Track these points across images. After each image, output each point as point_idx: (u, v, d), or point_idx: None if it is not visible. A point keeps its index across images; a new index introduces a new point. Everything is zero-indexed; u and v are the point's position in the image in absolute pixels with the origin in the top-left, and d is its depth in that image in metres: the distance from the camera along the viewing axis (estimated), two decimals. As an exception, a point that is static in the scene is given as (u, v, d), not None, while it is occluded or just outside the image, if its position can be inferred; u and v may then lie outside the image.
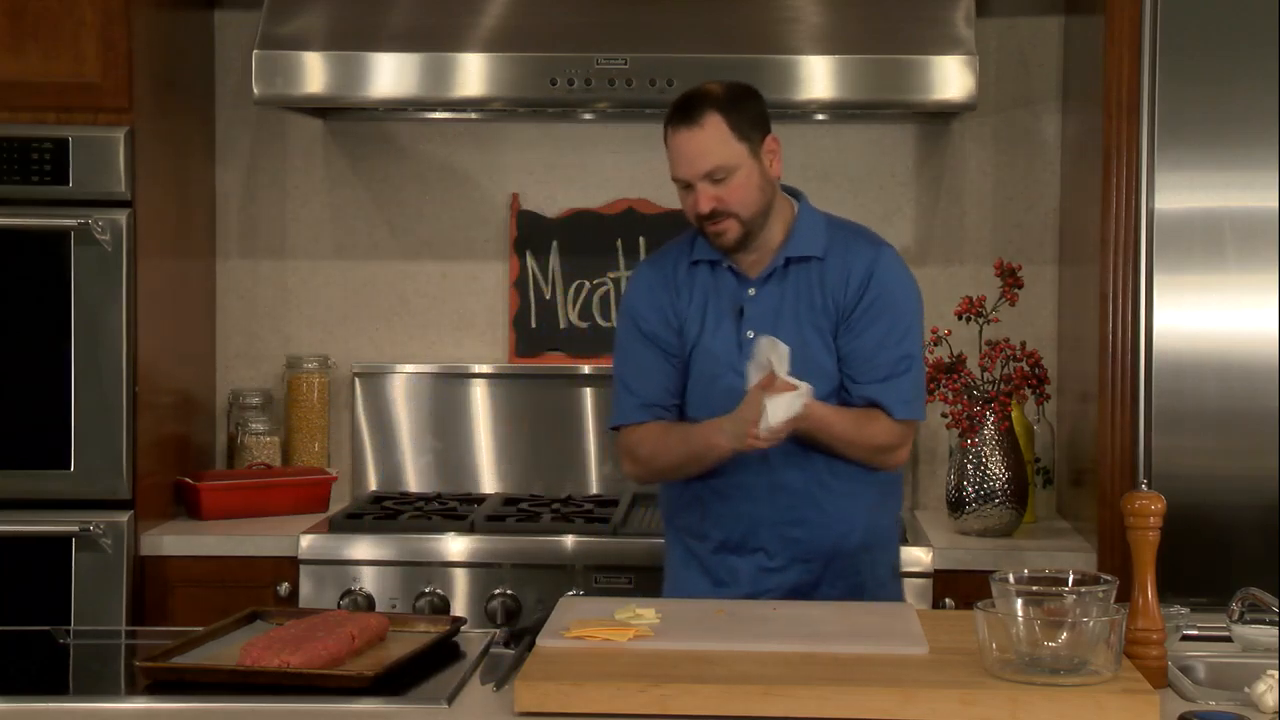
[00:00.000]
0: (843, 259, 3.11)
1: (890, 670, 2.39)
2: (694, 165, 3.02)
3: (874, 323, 3.08)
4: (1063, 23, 4.26)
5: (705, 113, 3.02)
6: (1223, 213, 3.61)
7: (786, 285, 3.11)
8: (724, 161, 3.01)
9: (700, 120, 3.02)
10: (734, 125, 3.03)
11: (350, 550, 3.74)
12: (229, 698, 2.41)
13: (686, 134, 3.02)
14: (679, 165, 3.05)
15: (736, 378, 3.03)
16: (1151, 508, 2.48)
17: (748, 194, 3.04)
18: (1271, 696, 2.31)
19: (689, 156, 3.02)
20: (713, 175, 3.01)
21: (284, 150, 4.38)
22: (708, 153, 3.01)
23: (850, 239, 3.16)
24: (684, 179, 3.04)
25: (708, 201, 3.02)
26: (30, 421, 3.75)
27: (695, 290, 3.16)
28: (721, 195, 3.02)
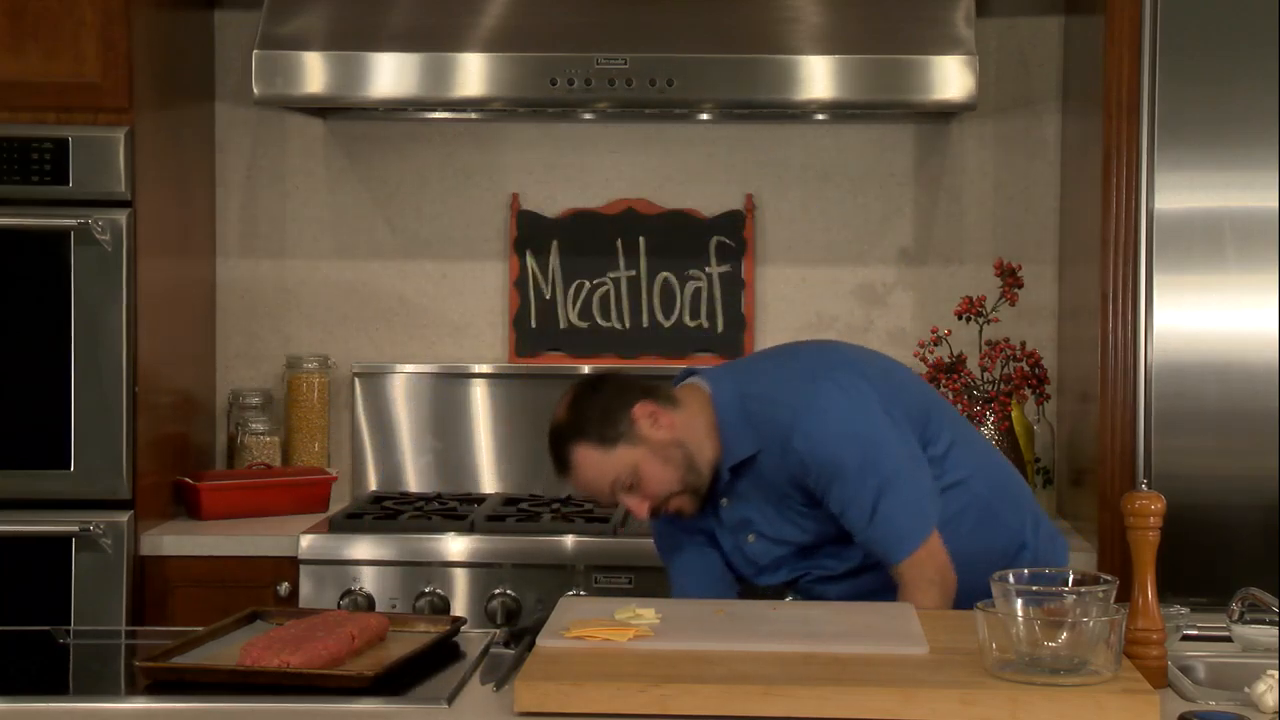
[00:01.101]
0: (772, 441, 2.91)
1: (890, 670, 2.39)
2: (602, 493, 2.94)
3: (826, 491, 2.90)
4: (1063, 23, 4.26)
5: (568, 451, 2.91)
6: (1223, 213, 3.61)
7: (749, 486, 2.97)
8: (618, 475, 2.90)
9: (570, 460, 2.92)
10: (599, 441, 2.89)
11: (350, 550, 3.74)
12: (229, 698, 2.41)
13: (572, 477, 2.94)
14: (591, 499, 3.06)
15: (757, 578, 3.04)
16: (1151, 508, 2.48)
17: (662, 476, 2.91)
18: (1271, 696, 2.31)
19: (592, 490, 2.95)
20: (621, 488, 2.91)
21: (284, 150, 4.38)
22: (599, 479, 2.91)
23: (771, 412, 2.92)
24: (594, 499, 3.01)
25: (641, 506, 2.92)
26: (30, 421, 3.75)
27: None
28: (644, 492, 2.91)
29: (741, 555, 3.06)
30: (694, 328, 4.32)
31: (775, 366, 3.05)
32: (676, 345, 4.32)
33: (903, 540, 2.87)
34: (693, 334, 4.32)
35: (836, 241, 4.33)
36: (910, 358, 3.93)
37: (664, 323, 4.32)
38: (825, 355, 3.10)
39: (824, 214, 4.32)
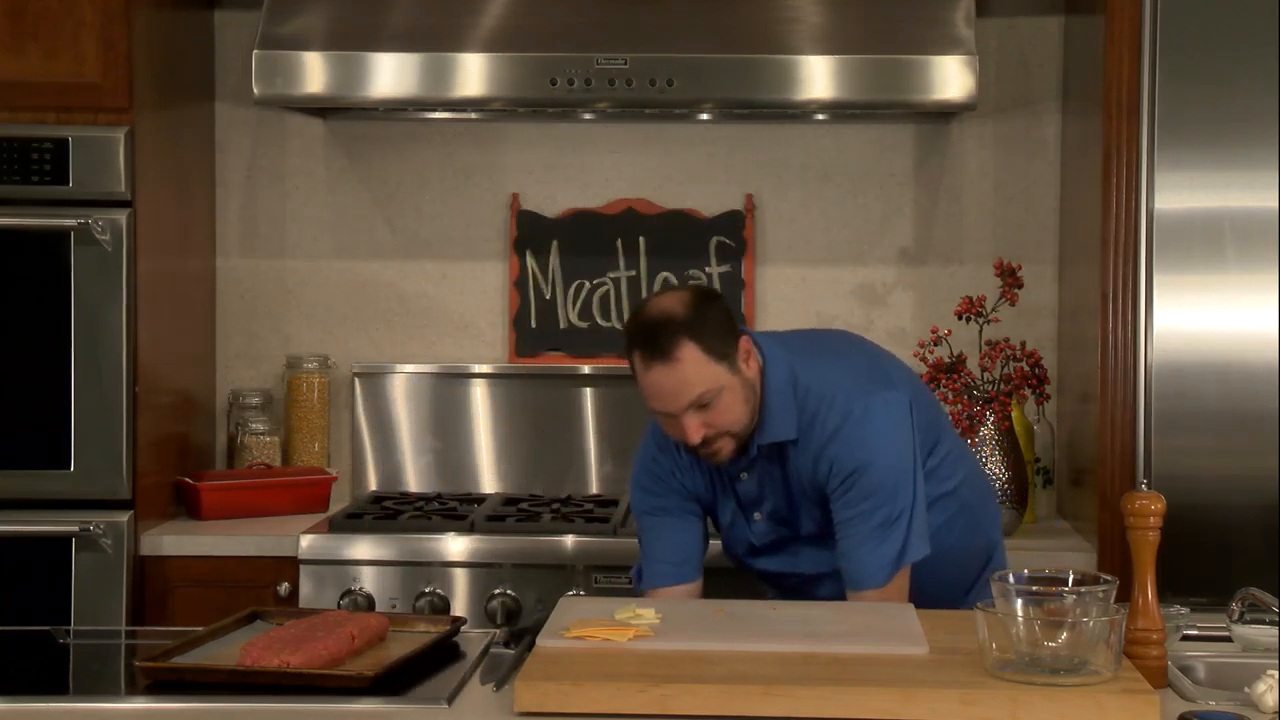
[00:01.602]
0: (811, 437, 2.92)
1: (890, 670, 2.39)
2: (676, 401, 2.84)
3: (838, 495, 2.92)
4: (1063, 23, 4.26)
5: (677, 344, 2.82)
6: (1223, 213, 3.61)
7: (772, 466, 2.97)
8: (706, 390, 2.84)
9: (674, 355, 2.82)
10: (709, 349, 2.84)
11: (350, 550, 3.74)
12: (229, 698, 2.41)
13: (663, 371, 2.83)
14: (661, 400, 2.86)
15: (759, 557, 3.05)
16: (1151, 508, 2.48)
17: (735, 412, 2.88)
18: (1271, 696, 2.31)
19: (672, 391, 2.84)
20: (697, 404, 2.85)
21: (284, 150, 4.38)
22: (687, 387, 2.83)
23: (820, 409, 2.93)
24: (667, 412, 2.87)
25: (697, 431, 2.86)
26: (30, 421, 3.75)
27: (695, 473, 3.06)
28: (709, 420, 2.86)
29: (742, 531, 3.06)
30: (694, 328, 4.32)
31: (831, 363, 3.03)
32: (676, 345, 4.31)
33: (881, 571, 2.89)
34: (693, 334, 4.32)
35: (836, 241, 4.33)
36: (910, 358, 3.93)
37: (664, 323, 4.31)
38: (879, 366, 3.07)
39: (824, 214, 4.32)
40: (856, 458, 2.90)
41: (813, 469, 2.94)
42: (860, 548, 2.90)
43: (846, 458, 2.90)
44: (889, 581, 2.90)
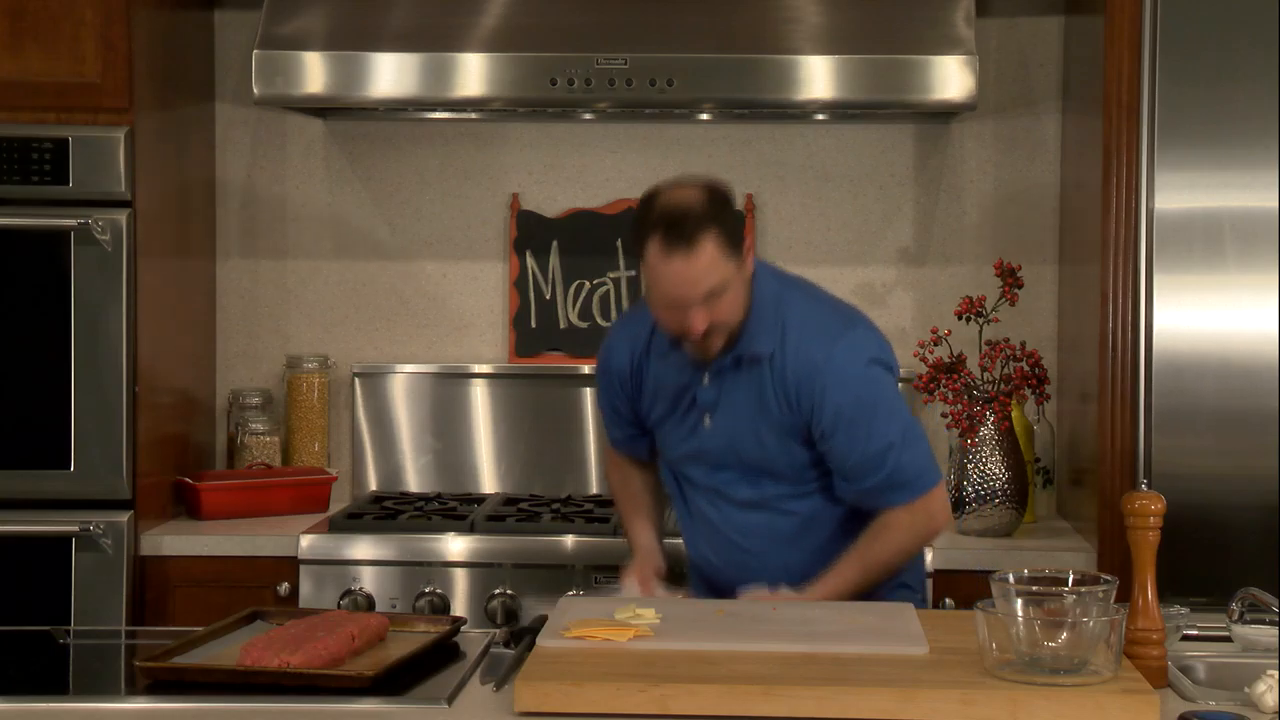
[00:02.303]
0: (794, 367, 2.98)
1: (890, 670, 2.39)
2: (691, 291, 2.87)
3: (838, 431, 2.97)
4: (1063, 23, 4.26)
5: (700, 234, 2.85)
6: (1223, 213, 3.61)
7: (739, 379, 3.02)
8: (719, 282, 2.88)
9: (696, 243, 2.85)
10: (726, 243, 2.89)
11: (350, 550, 3.74)
12: (229, 698, 2.41)
13: (685, 260, 2.85)
14: (671, 289, 2.88)
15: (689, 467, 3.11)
16: (1151, 508, 2.48)
17: (736, 307, 2.95)
18: (1271, 696, 2.31)
19: (689, 280, 2.86)
20: (706, 298, 2.89)
21: (284, 150, 4.38)
22: (703, 278, 2.87)
23: (804, 336, 3.00)
24: (677, 301, 2.89)
25: (703, 321, 2.90)
26: (30, 421, 3.75)
27: (654, 370, 3.13)
28: (713, 313, 2.91)
29: (689, 436, 3.09)
30: (694, 328, 4.32)
31: (812, 295, 3.12)
32: (676, 345, 4.32)
33: (905, 487, 2.98)
34: (693, 334, 4.32)
35: (836, 241, 4.33)
36: (910, 358, 3.93)
37: (664, 323, 4.31)
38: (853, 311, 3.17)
39: (824, 214, 4.32)
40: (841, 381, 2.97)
41: (787, 391, 2.98)
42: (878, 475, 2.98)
43: (831, 383, 2.96)
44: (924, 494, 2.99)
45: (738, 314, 2.96)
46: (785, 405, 3.00)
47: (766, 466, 3.05)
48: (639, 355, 3.15)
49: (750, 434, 3.03)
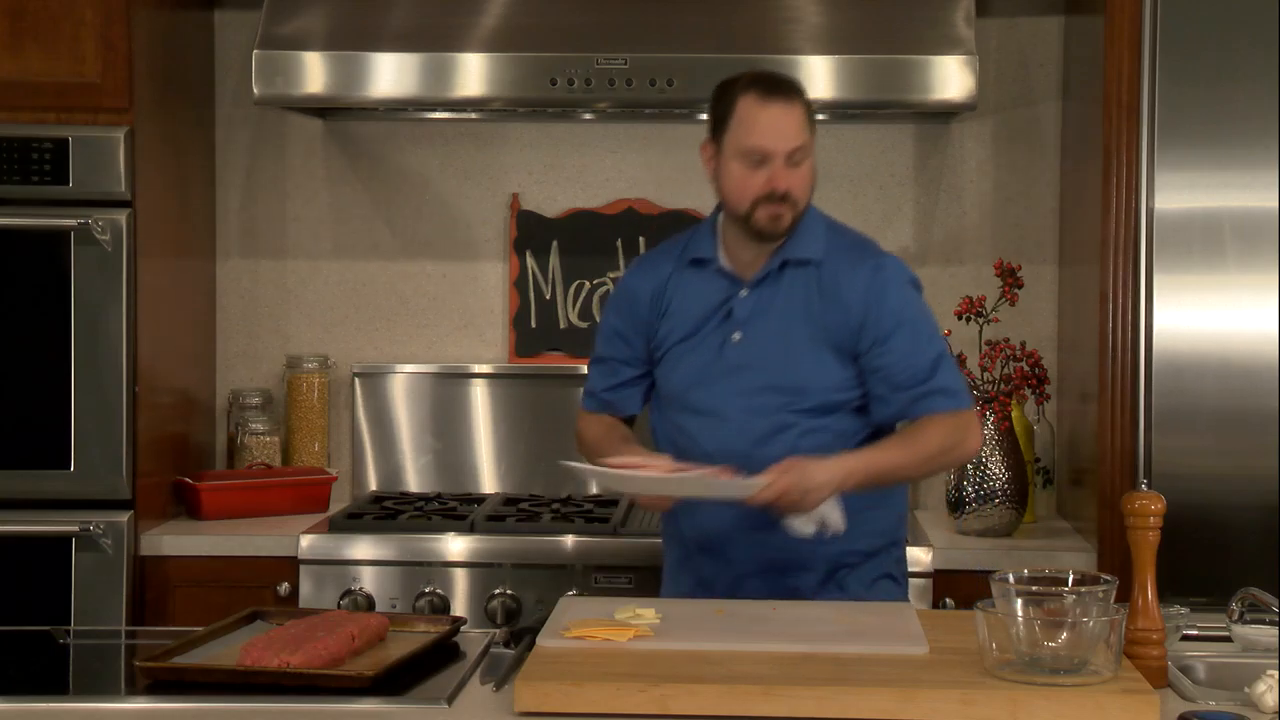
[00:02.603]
0: (846, 274, 3.06)
1: (890, 670, 2.39)
2: (786, 138, 2.96)
3: (889, 339, 3.02)
4: (1063, 23, 4.26)
5: (795, 95, 3.00)
6: (1223, 213, 3.61)
7: (780, 289, 3.07)
8: (805, 141, 2.99)
9: (794, 99, 2.99)
10: (809, 117, 3.02)
11: (350, 550, 3.74)
12: (229, 698, 2.41)
13: (783, 107, 2.97)
14: (768, 136, 2.97)
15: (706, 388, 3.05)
16: (1151, 508, 2.48)
17: (808, 184, 3.03)
18: (1271, 696, 2.31)
19: (783, 129, 2.97)
20: (793, 156, 2.98)
21: (284, 150, 4.38)
22: (797, 130, 2.98)
23: (850, 251, 3.11)
24: (768, 151, 2.96)
25: (785, 179, 2.98)
26: (30, 421, 3.75)
27: (682, 292, 3.13)
28: (794, 180, 2.99)
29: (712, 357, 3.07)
30: (694, 328, 4.32)
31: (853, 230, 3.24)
32: (676, 345, 4.32)
33: (953, 395, 3.04)
34: (693, 334, 4.32)
35: (836, 241, 4.32)
36: (910, 358, 3.93)
37: (664, 323, 4.31)
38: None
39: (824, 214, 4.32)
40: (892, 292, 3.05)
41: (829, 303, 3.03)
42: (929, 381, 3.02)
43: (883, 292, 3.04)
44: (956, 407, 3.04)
45: (807, 194, 3.03)
46: (834, 309, 3.03)
47: (790, 383, 3.02)
48: (665, 279, 3.14)
49: (782, 348, 3.03)
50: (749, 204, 3.00)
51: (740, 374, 3.05)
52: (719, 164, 3.03)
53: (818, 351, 3.04)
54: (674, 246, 3.20)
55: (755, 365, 3.05)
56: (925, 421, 3.04)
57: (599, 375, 3.27)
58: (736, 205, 3.02)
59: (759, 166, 2.98)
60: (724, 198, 3.06)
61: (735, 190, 3.01)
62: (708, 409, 3.08)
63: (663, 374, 3.16)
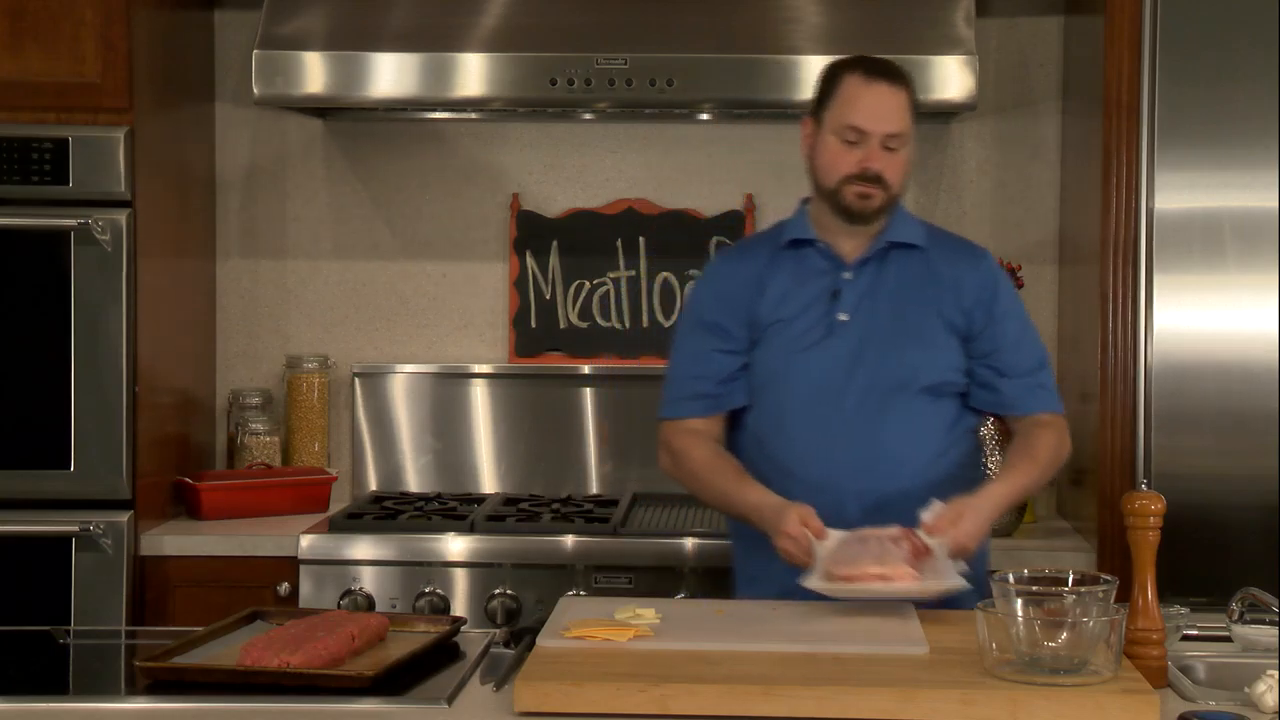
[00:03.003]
0: (959, 260, 3.10)
1: (890, 670, 2.39)
2: (885, 121, 2.97)
3: (1004, 325, 3.07)
4: (1063, 23, 4.26)
5: (902, 81, 3.01)
6: (1223, 213, 3.61)
7: (886, 270, 3.07)
8: (905, 129, 3.00)
9: (900, 84, 3.00)
10: (911, 105, 3.03)
11: (350, 550, 3.74)
12: (229, 698, 2.41)
13: (888, 90, 2.99)
14: (868, 116, 2.97)
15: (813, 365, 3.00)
16: (1151, 508, 2.48)
17: (902, 171, 3.02)
18: (1271, 696, 2.31)
19: (884, 111, 2.98)
20: (889, 141, 2.98)
21: (284, 150, 4.38)
22: (898, 115, 2.99)
23: (957, 243, 3.17)
24: (867, 130, 2.96)
25: (878, 160, 2.97)
26: (30, 421, 3.75)
27: (780, 275, 3.09)
28: (888, 164, 2.98)
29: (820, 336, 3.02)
30: (694, 328, 4.32)
31: None
32: (676, 345, 4.32)
33: (1059, 399, 3.13)
34: (693, 334, 4.32)
35: (836, 241, 4.32)
36: (910, 358, 3.93)
37: (664, 323, 4.32)
38: None
39: (824, 214, 4.32)
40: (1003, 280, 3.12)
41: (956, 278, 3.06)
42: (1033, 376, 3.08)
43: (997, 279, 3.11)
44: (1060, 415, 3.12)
45: (901, 182, 3.03)
46: (949, 291, 3.05)
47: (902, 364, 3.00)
48: (762, 263, 3.11)
49: (893, 328, 3.02)
50: (838, 180, 3.00)
51: (849, 355, 3.02)
52: (816, 139, 3.03)
53: (931, 332, 3.04)
54: (764, 237, 3.21)
55: (865, 345, 3.02)
56: (1031, 430, 3.08)
57: (706, 374, 3.10)
58: (825, 179, 3.02)
59: (855, 145, 2.98)
60: (815, 173, 3.05)
61: (828, 165, 3.01)
62: (815, 391, 3.02)
63: (759, 356, 3.08)
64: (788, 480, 2.97)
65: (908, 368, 3.01)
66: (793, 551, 2.82)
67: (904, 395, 3.01)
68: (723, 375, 3.09)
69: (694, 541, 3.70)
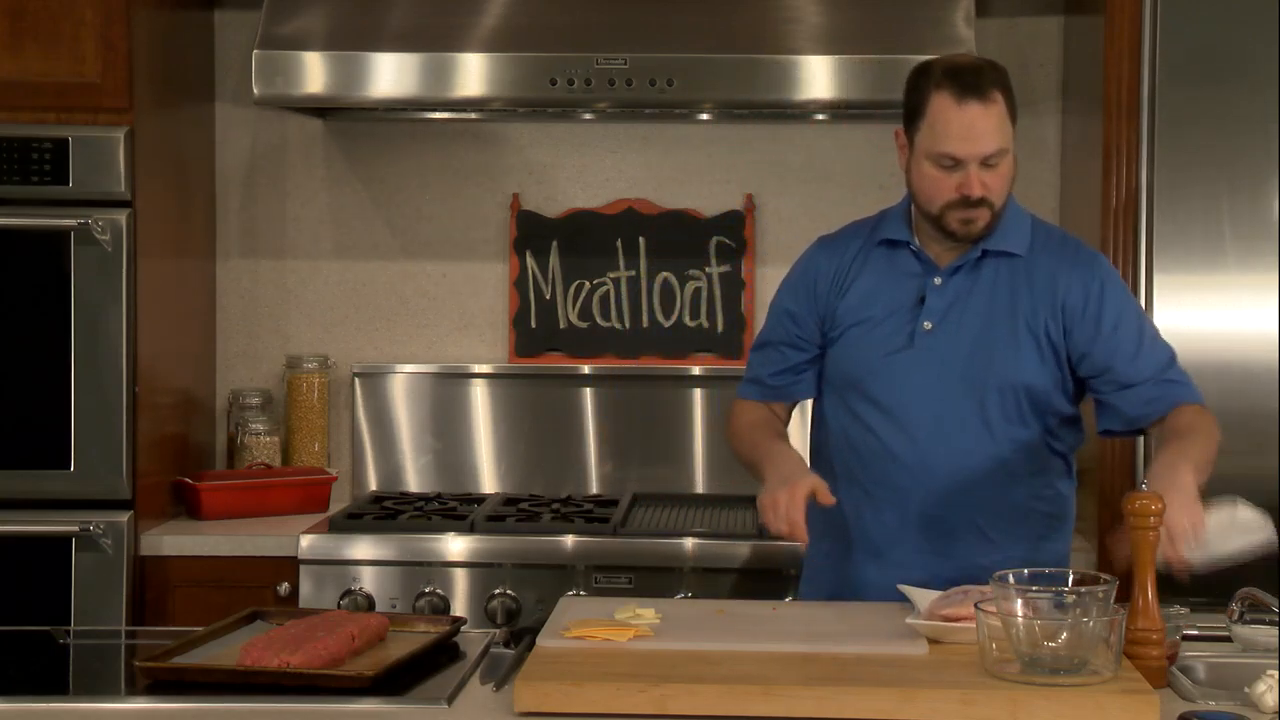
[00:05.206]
0: (1061, 268, 2.90)
1: (890, 670, 2.39)
2: (980, 144, 2.78)
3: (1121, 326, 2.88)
4: (1063, 23, 4.26)
5: (994, 90, 2.80)
6: (1223, 213, 3.61)
7: (980, 279, 2.91)
8: (1004, 145, 2.81)
9: (992, 97, 2.79)
10: (1010, 107, 2.83)
11: (350, 550, 3.74)
12: (229, 698, 2.41)
13: (980, 110, 2.78)
14: (962, 143, 2.79)
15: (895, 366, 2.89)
16: (1151, 508, 2.48)
17: (1007, 181, 2.86)
18: (1271, 696, 2.31)
19: (979, 133, 2.78)
20: (990, 159, 2.80)
21: (284, 150, 4.38)
22: (994, 133, 2.79)
23: (1062, 246, 2.96)
24: (960, 157, 2.80)
25: (979, 186, 2.80)
26: (30, 421, 3.75)
27: (869, 272, 2.98)
28: (987, 181, 2.81)
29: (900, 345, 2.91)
30: (694, 328, 4.32)
31: None
32: (676, 345, 4.32)
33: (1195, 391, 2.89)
34: (693, 334, 4.32)
35: (836, 241, 4.32)
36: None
37: (664, 323, 4.32)
38: None
39: (824, 214, 4.31)
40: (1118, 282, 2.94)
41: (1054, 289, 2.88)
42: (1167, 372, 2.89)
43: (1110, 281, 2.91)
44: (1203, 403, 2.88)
45: (1004, 194, 2.86)
46: (1046, 303, 2.88)
47: (985, 378, 2.87)
48: (851, 257, 3.00)
49: (979, 340, 2.88)
50: (940, 207, 2.85)
51: (930, 365, 2.90)
52: (911, 161, 2.87)
53: (1020, 347, 2.88)
54: (862, 227, 3.05)
55: (948, 356, 2.89)
56: (1186, 410, 2.85)
57: (764, 361, 3.07)
58: (927, 206, 2.88)
59: (952, 171, 2.82)
60: (915, 197, 2.90)
61: (927, 192, 2.86)
62: (891, 399, 2.92)
63: (837, 355, 2.99)
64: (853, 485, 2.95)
65: (989, 385, 2.88)
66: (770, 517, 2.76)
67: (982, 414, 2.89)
68: (782, 367, 3.05)
69: (694, 541, 3.70)
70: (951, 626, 2.54)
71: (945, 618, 2.56)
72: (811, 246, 3.12)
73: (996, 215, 2.87)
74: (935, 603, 2.62)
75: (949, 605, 2.58)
